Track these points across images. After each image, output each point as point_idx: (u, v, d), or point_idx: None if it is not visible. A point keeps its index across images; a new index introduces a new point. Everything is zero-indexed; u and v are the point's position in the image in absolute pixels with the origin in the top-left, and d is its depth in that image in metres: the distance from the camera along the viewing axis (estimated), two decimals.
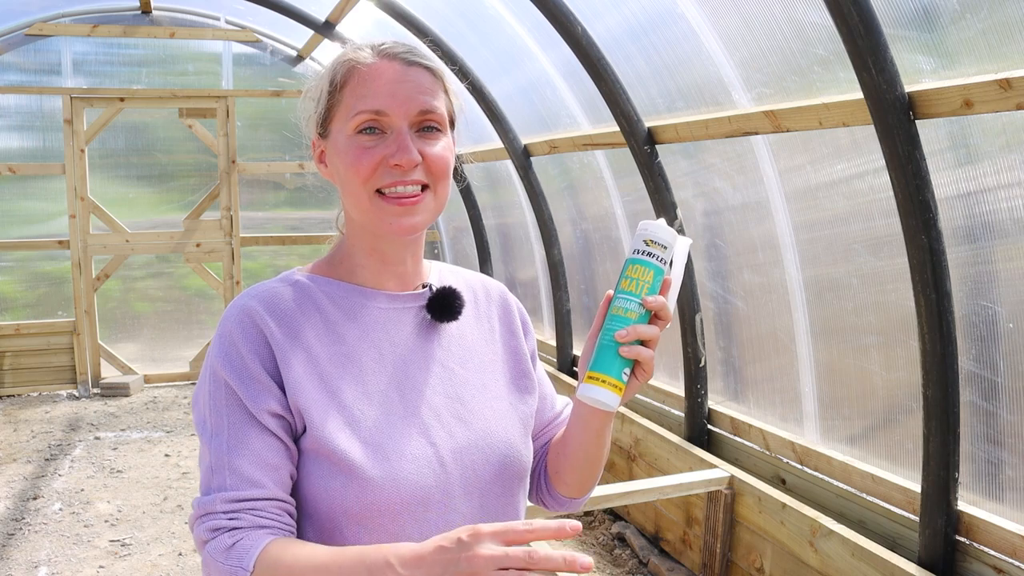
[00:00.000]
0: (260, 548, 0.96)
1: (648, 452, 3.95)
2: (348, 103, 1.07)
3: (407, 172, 1.06)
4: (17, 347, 6.59)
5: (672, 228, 1.06)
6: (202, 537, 1.00)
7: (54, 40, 6.58)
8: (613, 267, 4.79)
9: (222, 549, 0.97)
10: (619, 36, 3.68)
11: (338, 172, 1.09)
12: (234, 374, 1.03)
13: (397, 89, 1.06)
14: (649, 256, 1.04)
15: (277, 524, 1.01)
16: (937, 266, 2.35)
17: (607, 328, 1.03)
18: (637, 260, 1.04)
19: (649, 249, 1.04)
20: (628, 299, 1.03)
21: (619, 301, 1.03)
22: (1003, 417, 2.43)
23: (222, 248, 7.06)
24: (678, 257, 1.07)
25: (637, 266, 1.04)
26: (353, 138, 1.06)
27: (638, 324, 1.02)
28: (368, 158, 1.05)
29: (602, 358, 1.02)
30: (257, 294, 1.10)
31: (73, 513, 4.34)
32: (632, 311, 1.02)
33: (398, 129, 1.06)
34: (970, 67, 2.24)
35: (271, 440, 1.02)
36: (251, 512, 0.99)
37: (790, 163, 3.14)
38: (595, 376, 1.02)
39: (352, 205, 1.10)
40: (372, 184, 1.06)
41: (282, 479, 1.02)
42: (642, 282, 1.03)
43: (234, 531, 0.98)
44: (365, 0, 5.29)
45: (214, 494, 1.00)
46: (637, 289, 1.03)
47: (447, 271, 1.25)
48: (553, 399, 1.33)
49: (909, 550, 2.68)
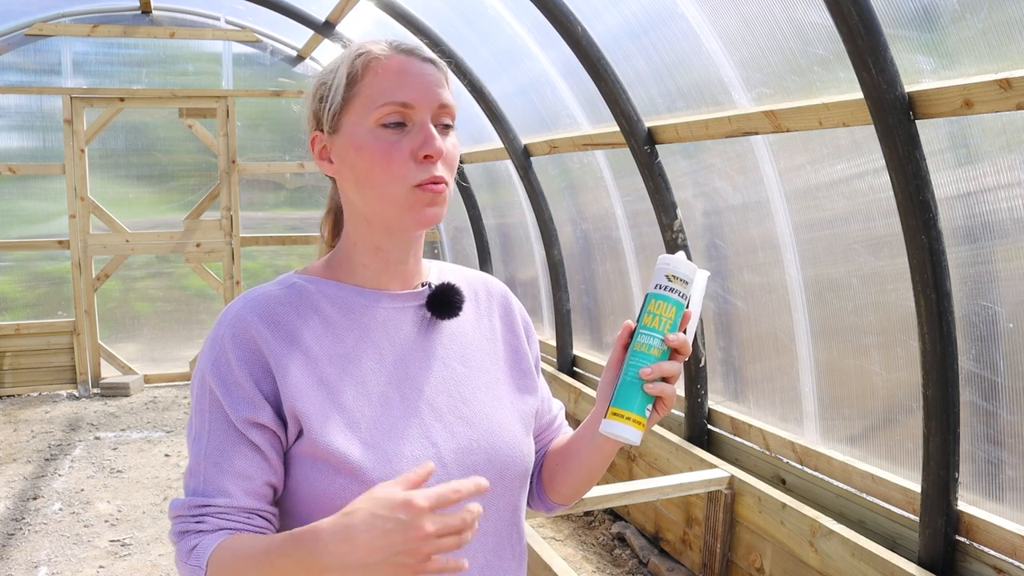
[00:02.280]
0: (213, 547, 0.97)
1: (648, 452, 3.95)
2: (368, 95, 1.05)
3: (435, 164, 1.05)
4: (17, 347, 6.59)
5: (691, 262, 1.07)
6: (172, 538, 1.03)
7: (54, 40, 6.58)
8: (613, 267, 4.78)
9: (187, 550, 1.00)
10: (618, 35, 3.68)
11: (354, 166, 1.06)
12: (219, 381, 1.03)
13: (419, 82, 1.05)
14: (671, 292, 1.05)
15: (244, 527, 1.01)
16: (937, 266, 2.35)
17: (630, 364, 1.04)
18: (659, 296, 1.05)
19: (671, 284, 1.05)
20: (651, 335, 1.04)
21: (642, 337, 1.05)
22: (1003, 417, 2.43)
23: (222, 248, 7.06)
24: (696, 291, 1.08)
25: (659, 302, 1.05)
26: (376, 131, 1.04)
27: (662, 361, 1.03)
28: (397, 150, 1.04)
29: (625, 394, 1.04)
30: (253, 299, 1.08)
31: (73, 513, 4.34)
32: (655, 347, 1.04)
33: (421, 122, 1.05)
34: (970, 67, 2.24)
35: (247, 450, 1.02)
36: (216, 516, 1.01)
37: (790, 163, 3.14)
38: (619, 412, 1.03)
39: (375, 200, 1.06)
40: (408, 179, 1.04)
41: (254, 488, 1.02)
42: (664, 318, 1.04)
43: (200, 533, 1.00)
44: (365, 0, 5.29)
45: (187, 497, 1.03)
46: (660, 325, 1.04)
47: (447, 269, 1.24)
48: (550, 403, 1.32)
49: (909, 550, 2.68)
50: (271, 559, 0.91)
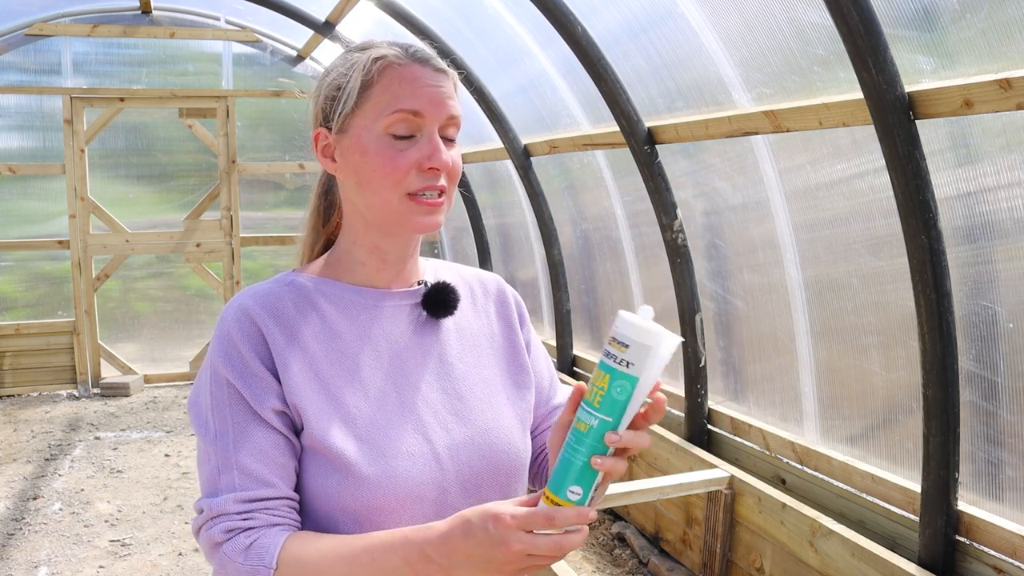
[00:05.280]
0: (280, 545, 0.97)
1: (648, 452, 3.95)
2: (381, 100, 1.06)
3: (439, 176, 1.06)
4: (17, 347, 6.59)
5: (648, 319, 0.84)
6: (216, 539, 0.99)
7: (54, 40, 6.58)
8: (613, 267, 4.78)
9: (240, 549, 0.97)
10: (618, 34, 3.68)
11: (358, 169, 1.07)
12: (236, 373, 1.03)
13: (434, 93, 1.06)
14: (611, 359, 0.85)
15: (289, 521, 1.02)
16: (937, 266, 2.35)
17: (567, 442, 0.89)
18: (601, 363, 0.86)
19: (610, 350, 0.85)
20: (588, 414, 0.87)
21: (580, 411, 0.88)
22: (1003, 417, 2.43)
23: (222, 248, 7.06)
24: (655, 361, 0.84)
25: (599, 371, 0.86)
26: (384, 137, 1.05)
27: (596, 456, 0.87)
28: (403, 160, 1.05)
29: (560, 478, 0.89)
30: (254, 293, 1.10)
31: (73, 513, 4.34)
32: (593, 428, 0.87)
33: (429, 132, 1.06)
34: (970, 67, 2.24)
35: (277, 437, 1.03)
36: (264, 511, 1.00)
37: (790, 163, 3.14)
38: (555, 501, 0.89)
39: (372, 203, 1.08)
40: (404, 187, 1.05)
41: (290, 476, 1.04)
42: (605, 394, 0.85)
43: (249, 531, 0.99)
44: (365, 0, 5.29)
45: (224, 495, 1.00)
46: (600, 404, 0.86)
47: (443, 268, 1.25)
48: (552, 390, 1.29)
49: (909, 550, 2.68)
50: (372, 555, 0.95)
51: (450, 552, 0.92)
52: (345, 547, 0.97)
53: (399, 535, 0.96)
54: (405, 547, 0.94)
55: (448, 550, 0.92)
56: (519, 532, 0.88)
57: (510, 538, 0.88)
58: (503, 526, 0.88)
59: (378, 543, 0.96)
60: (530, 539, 0.88)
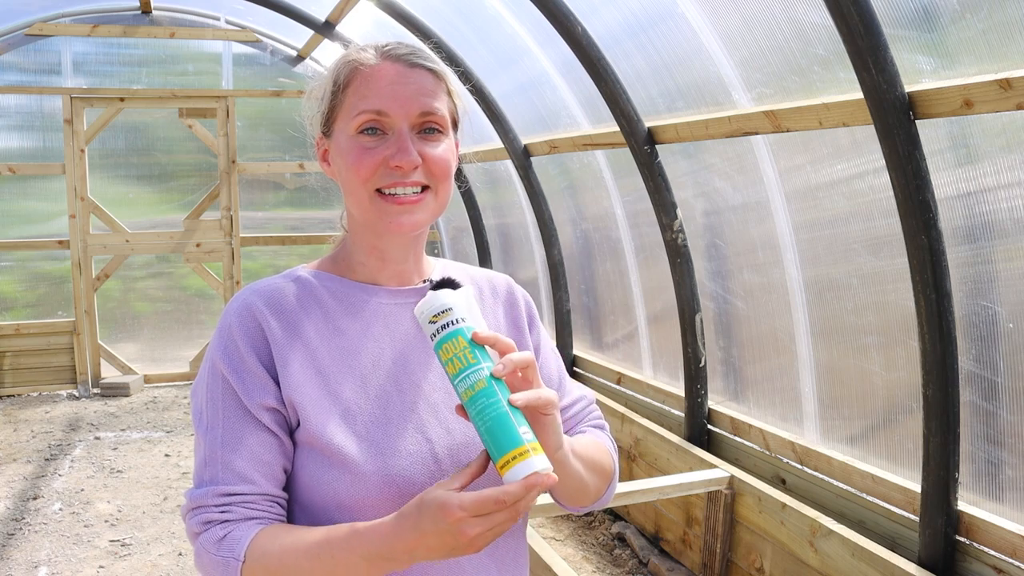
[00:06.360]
0: (250, 538, 0.99)
1: (648, 452, 3.95)
2: (350, 103, 1.08)
3: (407, 174, 1.06)
4: (17, 347, 6.59)
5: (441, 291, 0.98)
6: (194, 529, 1.03)
7: (54, 40, 6.58)
8: (613, 267, 4.78)
9: (214, 541, 1.00)
10: (618, 34, 3.68)
11: (340, 171, 1.11)
12: (231, 368, 1.04)
13: (399, 90, 1.07)
14: (444, 329, 0.95)
15: (267, 515, 1.03)
16: (937, 266, 2.35)
17: (476, 416, 0.92)
18: (441, 341, 0.95)
19: (439, 323, 0.95)
20: (469, 374, 0.93)
21: (462, 385, 0.93)
22: (1003, 417, 2.43)
23: (222, 248, 7.06)
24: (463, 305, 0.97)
25: (446, 344, 0.94)
26: (354, 138, 1.08)
27: (501, 385, 0.93)
28: (369, 158, 1.06)
29: (497, 438, 0.91)
30: (259, 289, 1.11)
31: (73, 513, 4.34)
32: (481, 380, 0.92)
33: (399, 130, 1.07)
34: (970, 67, 2.24)
35: (265, 436, 1.04)
36: (242, 505, 1.02)
37: (790, 163, 3.14)
38: (507, 459, 0.90)
39: (353, 204, 1.11)
40: (372, 184, 1.07)
41: (273, 474, 1.05)
42: (462, 353, 0.94)
43: (225, 523, 1.01)
44: (365, 0, 5.29)
45: (206, 487, 1.03)
46: (466, 360, 0.93)
47: (452, 267, 1.25)
48: (560, 392, 1.26)
49: (909, 550, 2.68)
50: (332, 552, 0.95)
51: (409, 550, 0.92)
52: (307, 539, 0.98)
53: (359, 533, 0.95)
54: (363, 545, 0.94)
55: (405, 547, 0.92)
56: (470, 519, 0.88)
57: (463, 527, 0.88)
58: (453, 519, 0.88)
59: (336, 539, 0.96)
60: (485, 520, 0.88)
